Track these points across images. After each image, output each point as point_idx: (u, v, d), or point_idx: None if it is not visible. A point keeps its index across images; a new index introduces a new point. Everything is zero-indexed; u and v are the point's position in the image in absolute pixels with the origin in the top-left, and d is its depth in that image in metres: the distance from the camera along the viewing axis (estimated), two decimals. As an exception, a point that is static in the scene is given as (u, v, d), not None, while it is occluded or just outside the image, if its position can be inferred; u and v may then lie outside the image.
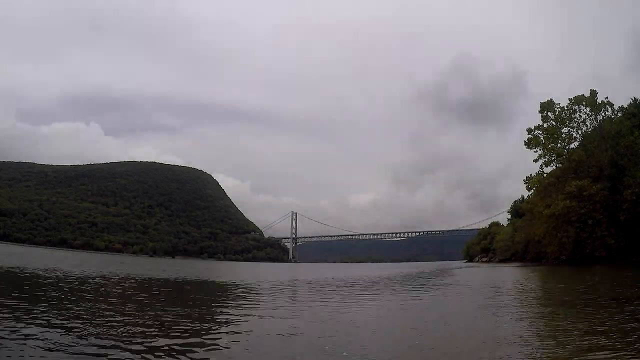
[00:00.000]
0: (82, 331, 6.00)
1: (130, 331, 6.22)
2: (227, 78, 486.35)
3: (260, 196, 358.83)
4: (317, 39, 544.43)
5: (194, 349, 5.39)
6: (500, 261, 69.07)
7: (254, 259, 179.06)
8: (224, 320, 8.11)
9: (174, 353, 5.09)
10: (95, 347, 5.10)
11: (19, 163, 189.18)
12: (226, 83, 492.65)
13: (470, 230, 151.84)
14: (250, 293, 15.09)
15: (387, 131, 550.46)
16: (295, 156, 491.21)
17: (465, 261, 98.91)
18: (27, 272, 17.46)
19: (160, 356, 4.94)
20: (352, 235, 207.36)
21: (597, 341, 5.44)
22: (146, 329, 6.47)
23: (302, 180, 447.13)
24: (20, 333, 5.71)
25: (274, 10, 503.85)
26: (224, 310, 9.90)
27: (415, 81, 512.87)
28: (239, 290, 16.26)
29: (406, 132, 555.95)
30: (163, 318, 7.69)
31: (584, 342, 5.38)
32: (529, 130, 48.71)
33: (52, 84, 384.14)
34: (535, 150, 48.18)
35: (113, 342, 5.40)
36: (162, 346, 5.38)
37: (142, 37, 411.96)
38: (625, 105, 45.15)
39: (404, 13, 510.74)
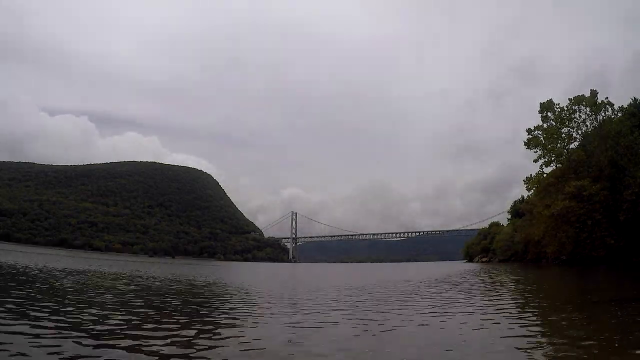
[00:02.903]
0: None
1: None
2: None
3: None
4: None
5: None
6: (500, 261, 69.00)
7: (254, 259, 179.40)
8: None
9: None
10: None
11: (19, 163, 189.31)
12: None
13: (470, 230, 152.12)
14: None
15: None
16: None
17: (465, 261, 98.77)
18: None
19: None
20: (352, 235, 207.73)
21: (597, 342, 5.42)
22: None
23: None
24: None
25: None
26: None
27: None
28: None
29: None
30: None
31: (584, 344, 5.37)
32: (529, 131, 48.73)
33: None
34: (535, 150, 48.23)
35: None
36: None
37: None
38: (625, 105, 45.19)
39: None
